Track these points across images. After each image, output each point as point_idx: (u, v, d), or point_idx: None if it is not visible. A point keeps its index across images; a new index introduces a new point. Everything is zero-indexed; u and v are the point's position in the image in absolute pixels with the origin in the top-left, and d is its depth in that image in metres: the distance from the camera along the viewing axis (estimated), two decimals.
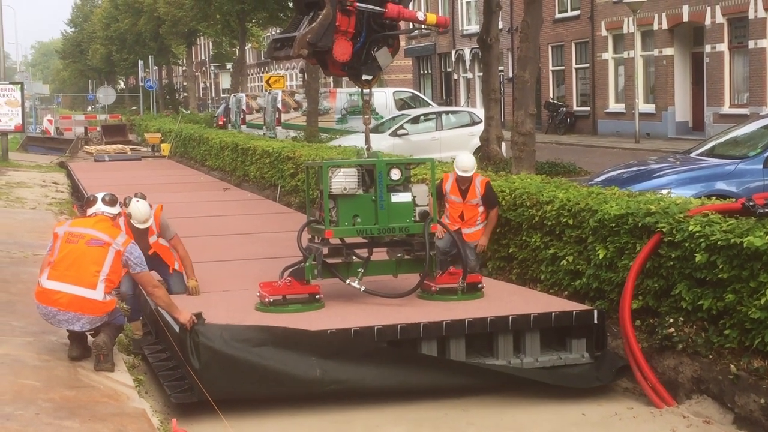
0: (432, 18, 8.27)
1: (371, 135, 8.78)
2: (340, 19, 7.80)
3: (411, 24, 8.48)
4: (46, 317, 7.00)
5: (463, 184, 9.32)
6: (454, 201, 9.38)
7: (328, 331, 6.96)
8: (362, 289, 7.86)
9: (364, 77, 8.34)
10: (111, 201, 7.38)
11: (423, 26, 8.53)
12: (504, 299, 8.02)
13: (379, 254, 8.34)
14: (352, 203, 7.81)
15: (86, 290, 6.84)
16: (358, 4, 7.87)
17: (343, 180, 7.80)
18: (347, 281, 7.89)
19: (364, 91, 8.46)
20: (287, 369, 6.73)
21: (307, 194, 8.59)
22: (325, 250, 7.88)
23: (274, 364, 6.72)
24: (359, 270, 7.95)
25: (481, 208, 9.33)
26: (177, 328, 6.98)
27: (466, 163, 9.31)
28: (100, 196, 7.41)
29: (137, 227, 8.42)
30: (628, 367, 7.13)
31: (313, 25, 7.75)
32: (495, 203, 9.38)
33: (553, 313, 7.39)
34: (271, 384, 6.76)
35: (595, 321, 7.40)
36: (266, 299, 7.69)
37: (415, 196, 7.97)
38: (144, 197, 8.64)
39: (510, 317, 7.26)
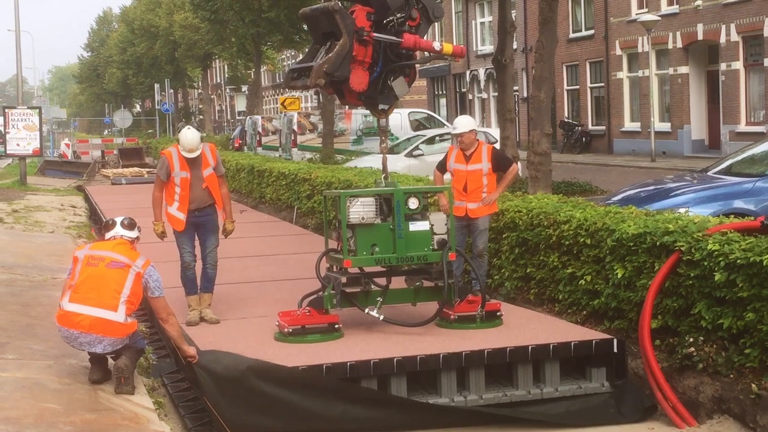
0: (448, 48, 8.28)
1: (387, 155, 8.80)
2: (356, 49, 7.83)
3: (427, 53, 8.50)
4: (68, 340, 7.03)
5: (468, 150, 9.37)
6: (458, 170, 9.40)
7: (348, 365, 6.91)
8: (381, 318, 7.84)
9: (381, 107, 8.37)
10: (130, 225, 7.40)
11: (440, 56, 8.56)
12: (523, 327, 7.99)
13: (398, 282, 8.33)
14: (370, 232, 7.82)
15: (107, 312, 6.88)
16: (375, 34, 7.90)
17: (361, 209, 7.81)
18: (366, 310, 7.88)
19: (381, 120, 8.48)
20: (308, 406, 6.70)
21: (325, 223, 8.61)
22: (344, 279, 7.87)
23: (294, 400, 6.68)
24: (378, 299, 7.93)
25: (485, 179, 9.33)
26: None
27: (458, 120, 9.56)
28: (119, 220, 7.42)
29: (186, 156, 8.45)
30: (655, 407, 7.06)
31: (330, 55, 7.78)
32: (509, 162, 9.59)
33: (572, 343, 7.35)
34: (290, 420, 6.72)
35: (615, 350, 7.37)
36: (285, 329, 7.69)
37: (432, 225, 7.97)
38: (198, 128, 8.75)
39: (529, 347, 7.24)
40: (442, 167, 9.70)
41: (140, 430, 6.28)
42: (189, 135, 8.53)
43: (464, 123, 9.50)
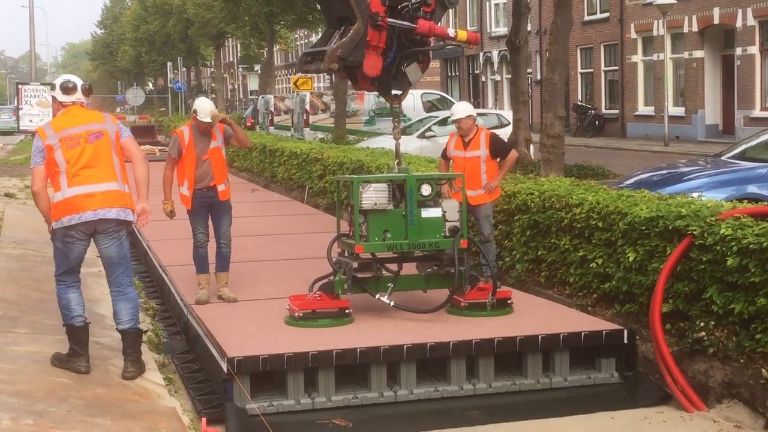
0: (463, 34, 8.23)
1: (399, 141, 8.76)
2: (371, 34, 7.78)
3: (442, 40, 8.46)
4: (75, 221, 6.67)
5: (466, 137, 9.35)
6: (457, 156, 9.40)
7: (358, 351, 6.88)
8: (391, 304, 7.82)
9: (394, 92, 8.35)
10: (89, 89, 7.10)
11: (453, 43, 8.52)
12: (533, 315, 7.97)
13: (409, 268, 8.32)
14: (382, 218, 7.78)
15: (111, 184, 6.75)
16: (389, 19, 7.86)
17: (374, 195, 7.78)
18: (377, 296, 7.86)
19: (394, 106, 8.46)
20: None
21: (338, 207, 8.61)
22: (355, 265, 7.85)
23: None
24: (389, 285, 7.90)
25: (484, 166, 9.28)
26: (225, 368, 6.70)
27: (455, 106, 9.52)
28: (79, 83, 7.02)
29: (202, 121, 8.51)
30: (669, 396, 7.04)
31: (344, 39, 7.74)
32: (508, 148, 9.48)
33: (583, 333, 7.34)
34: None
35: (626, 341, 7.36)
36: (296, 313, 7.68)
37: (445, 212, 7.95)
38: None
39: (539, 337, 7.23)
40: (445, 155, 9.68)
41: (150, 405, 6.32)
42: (205, 100, 8.73)
43: (462, 109, 9.45)
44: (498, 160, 9.51)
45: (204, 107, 8.58)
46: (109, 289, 7.01)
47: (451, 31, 8.21)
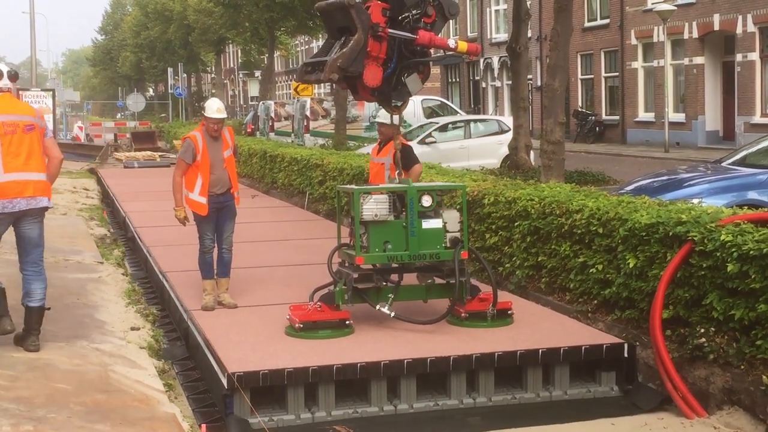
0: (463, 46, 8.22)
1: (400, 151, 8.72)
2: (371, 44, 7.78)
3: (442, 51, 8.45)
4: (7, 209, 7.05)
5: (384, 143, 9.23)
6: (371, 161, 9.41)
7: (358, 366, 6.87)
8: (392, 315, 7.81)
9: (394, 103, 8.35)
10: (15, 76, 7.46)
11: (454, 54, 8.51)
12: (534, 327, 7.95)
13: (409, 279, 8.30)
14: (383, 229, 7.78)
15: (42, 174, 7.21)
16: (390, 30, 7.86)
17: (374, 206, 7.78)
18: (377, 307, 7.85)
19: (394, 117, 8.45)
20: None
21: (338, 217, 8.60)
22: (356, 275, 7.83)
23: None
24: (389, 295, 7.89)
25: (387, 173, 9.05)
26: (225, 382, 6.70)
27: (382, 111, 9.17)
28: (5, 70, 7.42)
29: (215, 117, 8.64)
30: (668, 399, 7.04)
31: (344, 49, 7.74)
32: (411, 162, 9.01)
33: (583, 347, 7.35)
34: None
35: (626, 354, 7.37)
36: (296, 324, 7.67)
37: (445, 222, 7.95)
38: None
39: (540, 351, 7.23)
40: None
41: (150, 411, 6.31)
42: (215, 99, 8.94)
43: (387, 115, 9.37)
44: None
45: (212, 105, 8.74)
46: (22, 269, 7.42)
47: (451, 42, 8.20)
